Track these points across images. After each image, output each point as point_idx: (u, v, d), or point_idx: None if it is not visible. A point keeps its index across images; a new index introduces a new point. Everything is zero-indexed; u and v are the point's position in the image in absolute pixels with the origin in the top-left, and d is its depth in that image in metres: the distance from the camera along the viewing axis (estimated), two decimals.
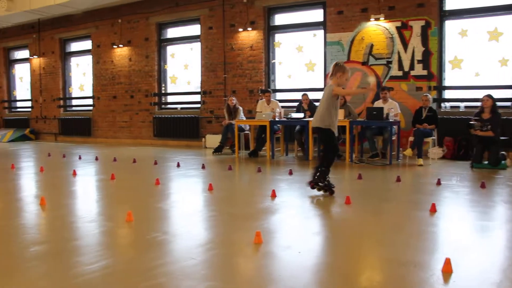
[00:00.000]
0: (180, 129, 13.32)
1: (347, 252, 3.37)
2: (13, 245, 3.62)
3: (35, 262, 3.21)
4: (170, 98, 14.12)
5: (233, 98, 10.85)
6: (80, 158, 10.10)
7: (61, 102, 16.71)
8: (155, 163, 8.82)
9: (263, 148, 10.32)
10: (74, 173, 7.53)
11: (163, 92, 14.02)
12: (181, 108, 13.59)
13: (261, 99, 10.85)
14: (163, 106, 14.07)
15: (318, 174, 5.44)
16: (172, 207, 5.03)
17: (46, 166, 8.45)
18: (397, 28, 9.95)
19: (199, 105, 13.10)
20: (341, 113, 8.89)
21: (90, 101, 15.91)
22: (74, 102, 16.83)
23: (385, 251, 3.38)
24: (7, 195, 5.93)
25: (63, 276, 2.92)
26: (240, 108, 10.89)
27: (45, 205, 5.08)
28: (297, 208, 4.87)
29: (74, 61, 16.64)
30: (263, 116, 9.66)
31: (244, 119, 10.80)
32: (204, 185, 6.39)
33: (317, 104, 10.46)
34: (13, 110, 18.93)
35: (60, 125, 16.64)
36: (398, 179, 6.53)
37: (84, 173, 7.82)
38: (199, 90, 13.11)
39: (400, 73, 9.99)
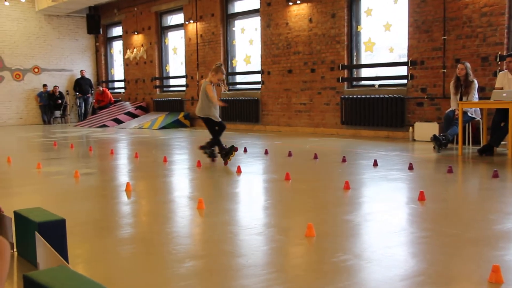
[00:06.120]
0: (377, 114, 13.23)
1: None
2: (165, 258, 3.95)
3: (191, 281, 3.46)
4: (363, 72, 14.10)
5: (465, 65, 10.31)
6: (245, 151, 10.66)
7: None
8: (344, 160, 8.90)
9: (502, 142, 9.73)
10: (239, 171, 7.97)
11: (355, 63, 14.07)
12: (380, 86, 13.49)
13: (501, 70, 10.19)
14: (354, 82, 14.11)
15: (209, 143, 9.07)
16: (366, 220, 5.01)
17: (203, 161, 9.08)
18: None
19: (405, 81, 12.86)
20: None
21: (257, 77, 16.70)
22: (238, 78, 17.83)
23: None
24: (159, 195, 6.51)
25: None
26: (475, 81, 10.36)
27: (202, 209, 5.45)
28: None
29: (238, 25, 17.60)
30: (503, 95, 9.08)
31: (476, 98, 10.25)
32: (413, 193, 6.25)
33: None
34: (165, 89, 20.80)
35: (220, 108, 17.75)
36: None
37: (250, 170, 8.23)
38: (405, 59, 12.87)
39: None
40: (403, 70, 13.01)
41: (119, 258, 4.04)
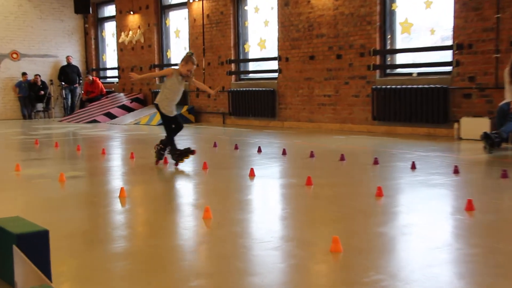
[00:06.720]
0: (416, 107, 13.16)
1: None
2: (167, 276, 3.93)
3: None
4: (399, 58, 14.03)
5: None
6: (259, 151, 10.65)
7: (233, 67, 17.83)
8: (375, 162, 8.87)
9: None
10: (252, 174, 7.95)
11: (389, 48, 14.00)
12: (418, 74, 13.42)
13: None
14: (388, 71, 14.05)
15: (163, 141, 9.24)
16: (403, 234, 4.99)
17: (210, 162, 9.08)
18: None
19: (449, 68, 12.78)
20: None
21: (274, 65, 16.67)
22: (251, 66, 17.81)
23: None
24: (158, 203, 6.52)
25: None
26: None
27: (209, 219, 5.44)
28: None
29: (251, 3, 17.57)
30: None
31: None
32: (459, 201, 6.22)
33: None
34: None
35: (230, 100, 17.77)
36: None
37: (265, 174, 8.21)
38: (449, 42, 12.79)
39: None
40: (447, 56, 12.94)
41: (111, 277, 4.03)
